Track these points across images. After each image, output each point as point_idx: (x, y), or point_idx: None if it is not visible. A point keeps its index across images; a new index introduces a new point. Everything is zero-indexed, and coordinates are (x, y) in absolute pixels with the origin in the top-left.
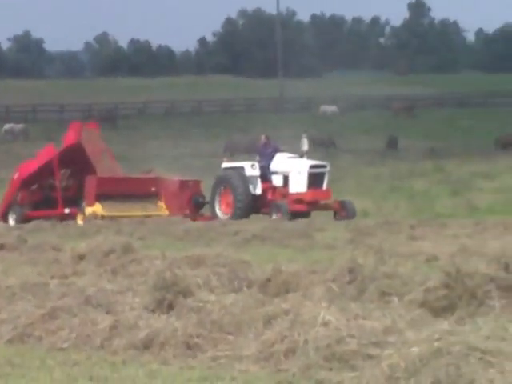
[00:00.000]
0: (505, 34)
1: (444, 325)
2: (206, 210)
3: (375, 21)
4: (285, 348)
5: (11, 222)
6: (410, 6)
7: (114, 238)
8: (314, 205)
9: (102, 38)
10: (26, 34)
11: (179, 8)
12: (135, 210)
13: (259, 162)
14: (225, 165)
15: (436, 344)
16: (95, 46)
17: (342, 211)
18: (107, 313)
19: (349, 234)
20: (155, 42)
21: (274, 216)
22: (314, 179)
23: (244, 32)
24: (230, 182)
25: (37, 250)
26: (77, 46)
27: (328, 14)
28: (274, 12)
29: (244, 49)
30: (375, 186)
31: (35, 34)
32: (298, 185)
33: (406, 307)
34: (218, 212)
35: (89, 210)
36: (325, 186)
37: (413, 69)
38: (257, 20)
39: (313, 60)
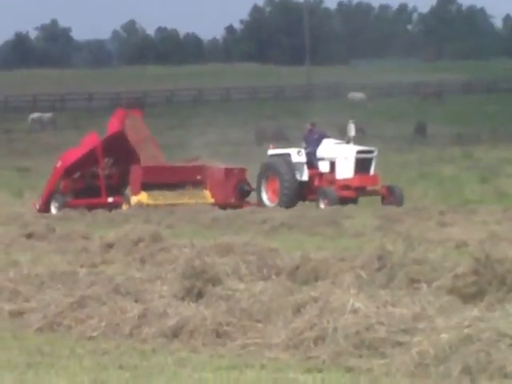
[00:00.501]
0: None
1: (473, 311)
2: (251, 198)
3: (402, 8)
4: (314, 335)
5: (53, 210)
6: None
7: (142, 226)
8: (361, 191)
9: (130, 27)
10: (54, 23)
11: None
12: (180, 198)
13: (305, 148)
14: (271, 152)
15: (466, 331)
16: (123, 35)
17: (390, 197)
18: (136, 301)
19: (377, 220)
20: (182, 30)
21: (321, 202)
22: (361, 165)
23: (271, 20)
24: (276, 169)
25: (65, 238)
26: (104, 34)
27: (355, 1)
28: None
29: (271, 36)
30: (404, 173)
31: (62, 23)
32: (345, 171)
33: (435, 294)
34: (265, 199)
35: (134, 199)
36: (372, 172)
37: (440, 56)
38: (284, 7)
39: (340, 47)
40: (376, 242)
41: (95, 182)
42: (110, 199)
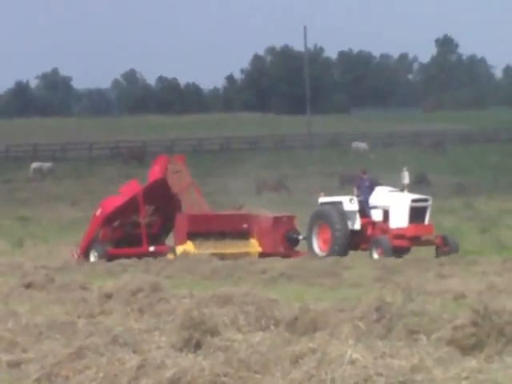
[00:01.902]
0: None
1: (472, 363)
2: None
3: (403, 57)
4: None
5: (92, 259)
6: (438, 43)
7: (141, 276)
8: (415, 240)
9: (130, 76)
10: (54, 72)
11: (207, 45)
12: (227, 247)
13: (357, 196)
14: (321, 199)
15: (464, 382)
16: (123, 84)
17: (445, 246)
18: (134, 352)
19: (376, 271)
20: (183, 79)
21: (375, 252)
22: (416, 213)
23: (272, 69)
24: (327, 218)
25: (64, 288)
26: (105, 83)
27: (356, 50)
28: (302, 49)
29: (272, 85)
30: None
31: (63, 72)
32: (400, 219)
33: (434, 345)
34: (316, 249)
35: (180, 249)
36: (427, 221)
37: (440, 105)
38: (284, 57)
39: (341, 96)
40: (375, 293)
41: (135, 230)
42: (152, 248)
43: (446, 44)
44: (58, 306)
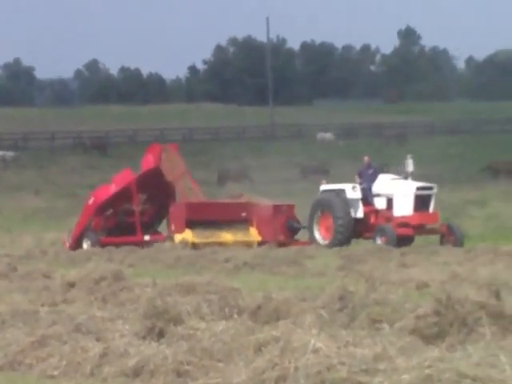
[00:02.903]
0: (495, 61)
1: (434, 352)
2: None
3: (365, 48)
4: (275, 375)
5: (85, 247)
6: (400, 34)
7: (104, 265)
8: (420, 229)
9: (93, 66)
10: (16, 62)
11: (169, 36)
12: (226, 236)
13: (360, 183)
14: (323, 187)
15: (426, 371)
16: (85, 74)
17: (450, 235)
18: (97, 340)
19: (339, 260)
20: (146, 69)
21: (379, 240)
22: (421, 201)
23: (234, 60)
24: (329, 206)
25: (27, 277)
26: (67, 73)
27: (318, 41)
28: (265, 40)
29: (234, 76)
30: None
31: (25, 62)
32: (404, 208)
33: (397, 334)
34: (318, 237)
35: (178, 237)
36: (432, 209)
37: (402, 96)
38: (247, 48)
39: (303, 87)
40: (338, 282)
41: (127, 219)
42: (147, 237)
43: (408, 35)
44: (21, 294)
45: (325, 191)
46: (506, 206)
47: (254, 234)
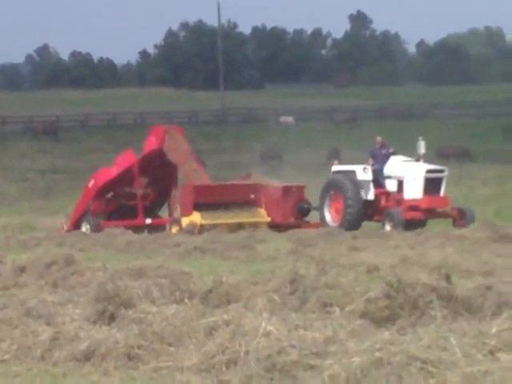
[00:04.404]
0: (445, 45)
1: (385, 335)
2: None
3: (317, 32)
4: (226, 359)
5: (84, 231)
6: (351, 18)
7: (55, 249)
8: (430, 212)
9: (43, 51)
10: None
11: (120, 20)
12: (235, 218)
13: (372, 165)
14: (334, 168)
15: (377, 354)
16: (36, 58)
17: (461, 219)
18: (48, 324)
19: (291, 244)
20: (97, 54)
21: (388, 226)
22: (431, 185)
23: (185, 44)
24: (339, 187)
25: None
26: (18, 58)
27: (269, 26)
28: (216, 24)
29: (185, 61)
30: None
31: None
32: (414, 190)
33: (348, 318)
34: (328, 219)
35: (186, 220)
36: (442, 193)
37: (354, 80)
38: (198, 32)
39: (254, 72)
40: (289, 266)
41: (127, 202)
42: (148, 220)
43: (359, 19)
44: None
45: (336, 172)
46: (455, 190)
47: (263, 215)
